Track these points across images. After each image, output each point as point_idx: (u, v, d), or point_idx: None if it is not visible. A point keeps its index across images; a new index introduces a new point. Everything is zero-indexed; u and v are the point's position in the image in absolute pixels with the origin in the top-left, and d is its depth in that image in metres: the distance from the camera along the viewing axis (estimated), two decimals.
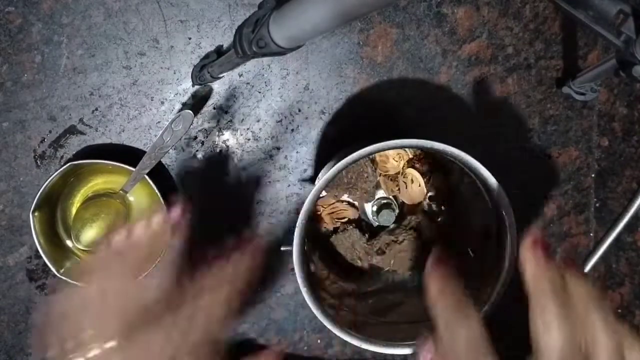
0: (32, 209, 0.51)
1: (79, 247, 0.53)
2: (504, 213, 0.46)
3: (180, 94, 0.54)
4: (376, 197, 0.57)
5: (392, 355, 0.48)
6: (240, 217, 0.57)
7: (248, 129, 0.56)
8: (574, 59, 0.57)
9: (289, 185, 0.57)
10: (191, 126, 0.52)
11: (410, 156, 0.56)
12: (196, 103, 0.55)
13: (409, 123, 0.57)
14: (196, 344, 0.33)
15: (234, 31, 0.51)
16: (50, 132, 0.54)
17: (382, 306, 0.53)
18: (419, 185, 0.55)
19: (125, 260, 0.36)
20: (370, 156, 0.53)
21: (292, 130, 0.56)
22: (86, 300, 0.34)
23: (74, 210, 0.55)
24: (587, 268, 0.60)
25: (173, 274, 0.38)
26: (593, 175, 0.59)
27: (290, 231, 0.45)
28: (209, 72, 0.50)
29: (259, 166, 0.56)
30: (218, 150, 0.56)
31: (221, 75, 0.52)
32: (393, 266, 0.55)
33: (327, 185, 0.46)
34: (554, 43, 0.56)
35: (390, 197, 0.57)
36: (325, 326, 0.46)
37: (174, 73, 0.54)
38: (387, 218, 0.56)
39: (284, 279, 0.58)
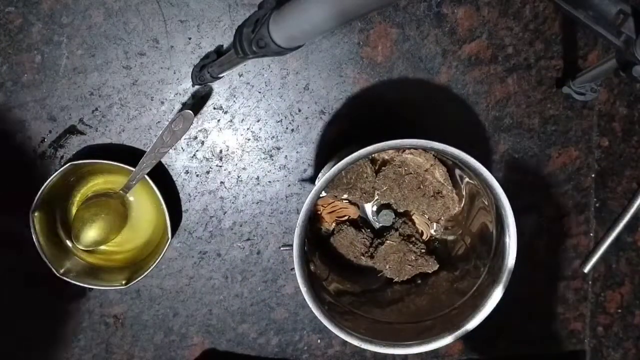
0: (32, 209, 0.51)
1: (79, 247, 0.53)
2: (504, 213, 0.46)
3: (180, 94, 0.54)
4: (376, 197, 0.57)
5: (392, 355, 0.48)
6: (241, 218, 0.57)
7: (248, 129, 0.56)
8: (574, 59, 0.57)
9: (289, 185, 0.57)
10: (191, 126, 0.51)
11: None
12: (196, 103, 0.55)
13: (409, 123, 0.57)
14: None
15: (234, 31, 0.51)
16: (50, 132, 0.54)
17: (382, 305, 0.53)
18: None
19: None
20: (370, 156, 0.53)
21: (292, 130, 0.56)
22: None
23: (74, 210, 0.55)
24: (587, 268, 0.60)
25: None
26: (593, 175, 0.59)
27: (290, 231, 0.45)
28: (209, 72, 0.50)
29: (259, 166, 0.56)
30: (218, 150, 0.56)
31: (221, 75, 0.51)
32: (390, 271, 0.55)
33: (327, 185, 0.46)
34: (554, 43, 0.56)
35: None
36: (325, 326, 0.46)
37: (174, 73, 0.54)
38: (387, 218, 0.56)
39: (284, 279, 0.58)
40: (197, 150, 0.56)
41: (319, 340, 0.60)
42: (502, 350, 0.61)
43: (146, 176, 0.51)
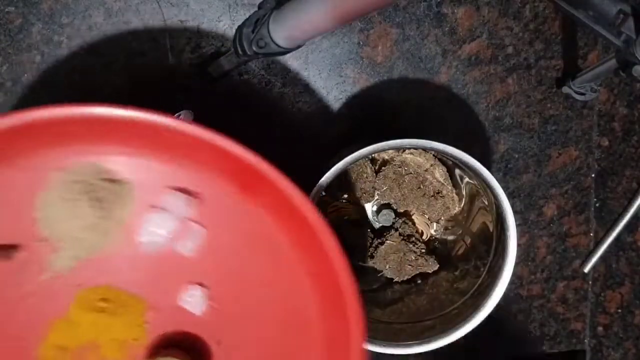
0: None
1: None
2: (504, 213, 0.46)
3: (180, 94, 0.54)
4: (376, 197, 0.57)
5: (392, 355, 0.48)
6: None
7: (248, 129, 0.56)
8: (574, 59, 0.57)
9: None
10: None
11: None
12: (196, 103, 0.55)
13: (409, 123, 0.57)
14: None
15: (234, 31, 0.51)
16: None
17: (382, 305, 0.53)
18: None
19: None
20: (370, 156, 0.53)
21: (292, 130, 0.56)
22: None
23: None
24: (587, 268, 0.60)
25: None
26: (593, 175, 0.59)
27: None
28: (217, 67, 0.49)
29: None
30: None
31: (222, 75, 0.52)
32: (390, 271, 0.55)
33: (327, 185, 0.46)
34: (554, 43, 0.56)
35: None
36: None
37: (174, 73, 0.54)
38: (387, 218, 0.56)
39: None
40: None
41: None
42: (502, 350, 0.61)
43: None
